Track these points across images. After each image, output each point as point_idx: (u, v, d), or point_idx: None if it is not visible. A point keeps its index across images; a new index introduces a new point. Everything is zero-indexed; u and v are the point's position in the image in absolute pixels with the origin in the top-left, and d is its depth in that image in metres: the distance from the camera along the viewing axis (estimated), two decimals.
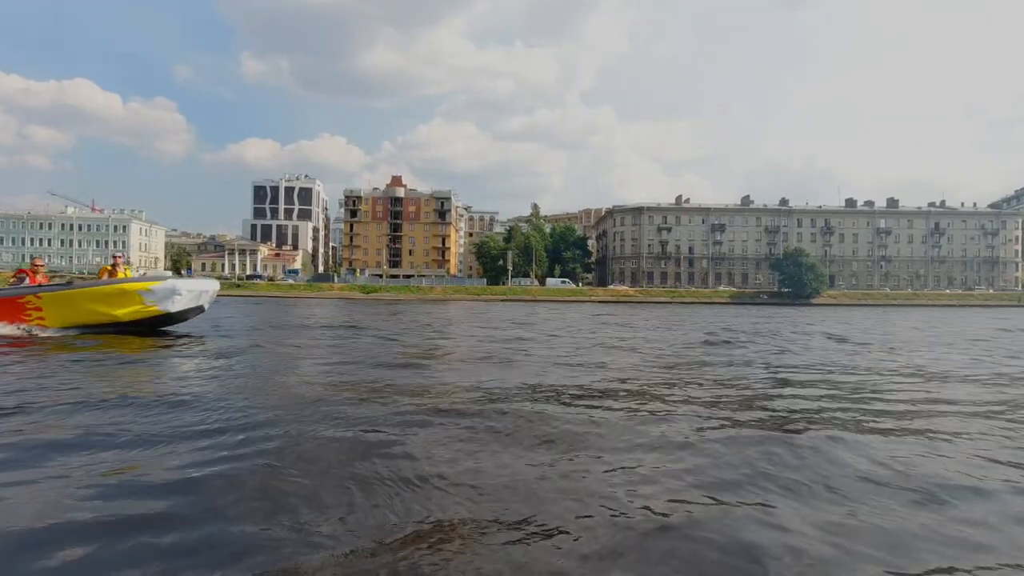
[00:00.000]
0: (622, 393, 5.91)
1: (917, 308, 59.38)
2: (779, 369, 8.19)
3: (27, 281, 10.91)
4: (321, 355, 9.07)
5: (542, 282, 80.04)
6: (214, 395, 5.23)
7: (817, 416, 4.95)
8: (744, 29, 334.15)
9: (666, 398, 5.69)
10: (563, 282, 79.74)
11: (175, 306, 10.87)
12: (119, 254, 12.31)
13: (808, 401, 5.68)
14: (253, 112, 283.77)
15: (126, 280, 10.93)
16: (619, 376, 7.15)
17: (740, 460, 3.54)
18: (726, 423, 4.59)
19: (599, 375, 7.21)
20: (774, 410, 5.21)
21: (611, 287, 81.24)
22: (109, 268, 11.49)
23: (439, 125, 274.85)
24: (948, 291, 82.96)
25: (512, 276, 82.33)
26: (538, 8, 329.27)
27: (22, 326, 10.20)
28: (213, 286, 12.10)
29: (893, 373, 7.97)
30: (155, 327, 11.12)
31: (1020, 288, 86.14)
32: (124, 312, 10.42)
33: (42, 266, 11.53)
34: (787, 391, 6.32)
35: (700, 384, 6.62)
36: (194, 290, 11.34)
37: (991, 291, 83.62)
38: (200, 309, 11.85)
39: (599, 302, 62.36)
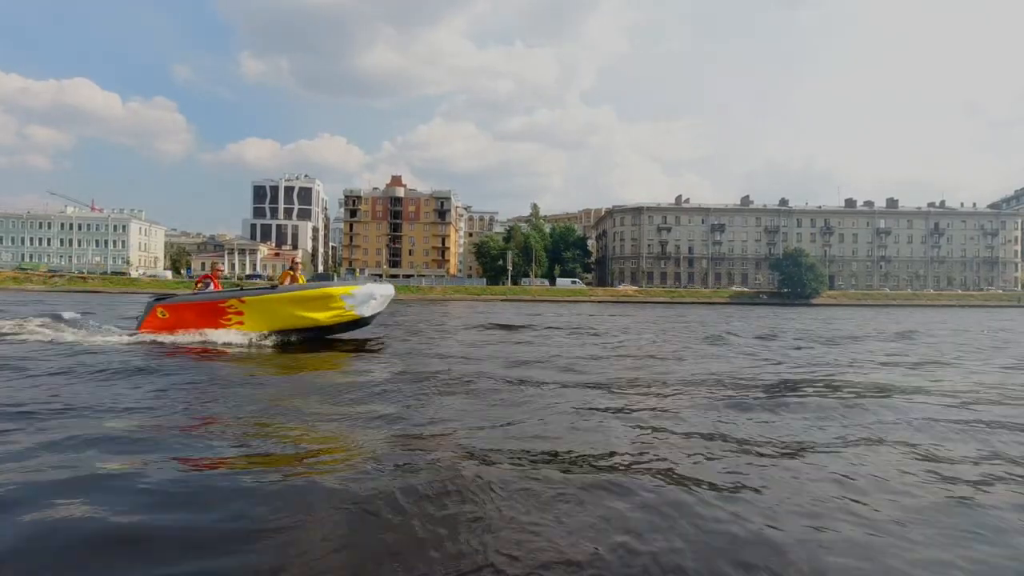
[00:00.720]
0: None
1: (918, 309, 59.40)
2: None
3: (211, 286, 10.89)
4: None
5: (552, 282, 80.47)
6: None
7: None
8: (744, 29, 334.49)
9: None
10: (573, 282, 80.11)
11: (369, 310, 10.89)
12: (297, 259, 12.20)
13: None
14: (253, 112, 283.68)
15: (329, 284, 10.99)
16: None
17: None
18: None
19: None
20: None
21: (620, 287, 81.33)
22: (291, 273, 11.31)
23: (439, 125, 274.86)
24: (961, 291, 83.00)
25: (523, 276, 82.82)
26: (538, 8, 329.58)
27: (222, 331, 9.97)
28: (392, 291, 12.02)
29: None
30: (345, 331, 11.19)
31: (1020, 288, 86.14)
32: (325, 316, 10.36)
33: (222, 271, 11.52)
34: None
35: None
36: (384, 295, 11.34)
37: (1001, 291, 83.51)
38: (380, 313, 11.84)
39: (599, 302, 62.36)
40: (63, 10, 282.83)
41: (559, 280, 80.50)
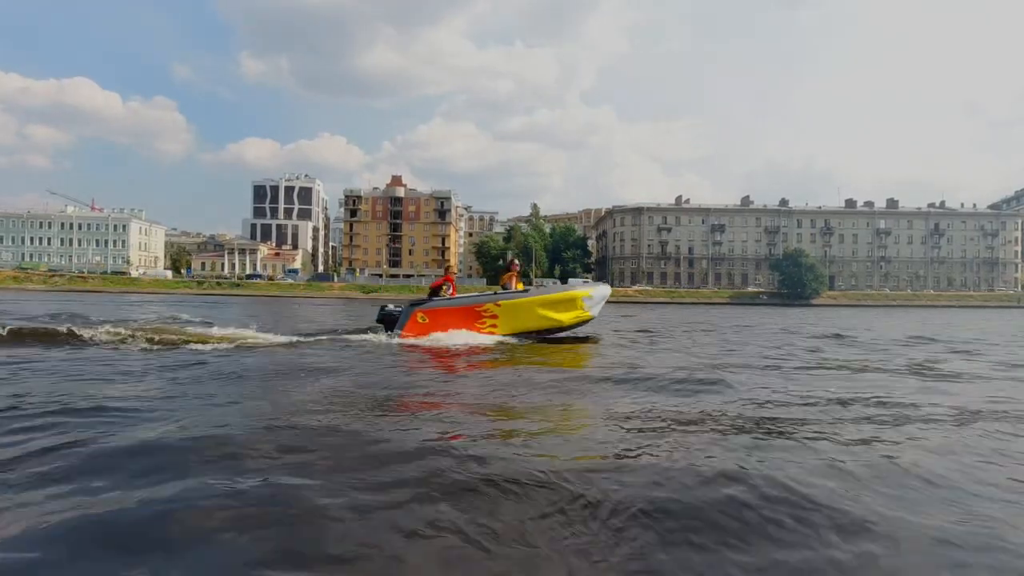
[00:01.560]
0: None
1: (918, 309, 59.43)
2: None
3: (450, 290, 11.24)
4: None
5: (563, 280, 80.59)
6: None
7: None
8: (744, 29, 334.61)
9: None
10: (584, 282, 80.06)
11: (596, 311, 11.59)
12: (516, 260, 12.56)
13: None
14: (253, 112, 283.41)
15: (573, 287, 11.62)
16: None
17: None
18: None
19: None
20: None
21: (633, 288, 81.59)
22: (515, 274, 11.70)
23: (439, 125, 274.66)
24: (961, 291, 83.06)
25: (545, 276, 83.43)
26: (538, 8, 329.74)
27: (476, 334, 10.36)
28: (610, 292, 12.64)
29: None
30: (570, 329, 11.62)
31: (1020, 288, 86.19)
32: (568, 317, 11.03)
33: (456, 274, 12.07)
34: None
35: None
36: (606, 296, 12.05)
37: (1015, 291, 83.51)
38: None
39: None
40: (63, 10, 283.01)
41: (571, 280, 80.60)
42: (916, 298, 78.09)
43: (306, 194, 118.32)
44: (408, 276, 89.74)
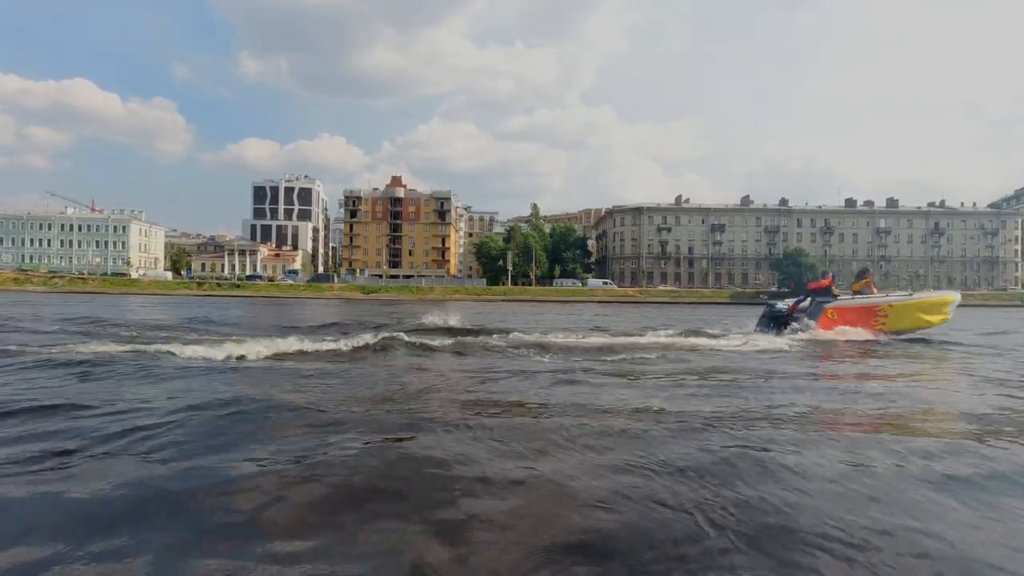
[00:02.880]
0: None
1: None
2: None
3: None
4: None
5: (551, 282, 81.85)
6: None
7: None
8: (744, 29, 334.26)
9: None
10: (605, 283, 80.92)
11: (954, 315, 12.67)
12: (870, 268, 13.77)
13: None
14: (252, 112, 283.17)
15: (947, 292, 13.08)
16: None
17: None
18: None
19: None
20: None
21: (657, 287, 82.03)
22: (867, 281, 13.19)
23: (439, 125, 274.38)
24: (986, 291, 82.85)
25: (549, 277, 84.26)
26: (538, 8, 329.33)
27: (865, 331, 11.61)
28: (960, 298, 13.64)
29: None
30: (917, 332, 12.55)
31: (1020, 288, 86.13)
32: (937, 319, 12.19)
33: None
34: None
35: None
36: (959, 302, 13.13)
37: (1007, 290, 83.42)
38: None
39: (600, 302, 62.37)
40: (62, 10, 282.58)
41: (591, 281, 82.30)
42: None
43: (306, 195, 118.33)
44: (408, 276, 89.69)
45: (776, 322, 12.48)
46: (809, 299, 12.57)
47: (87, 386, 5.35)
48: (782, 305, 13.07)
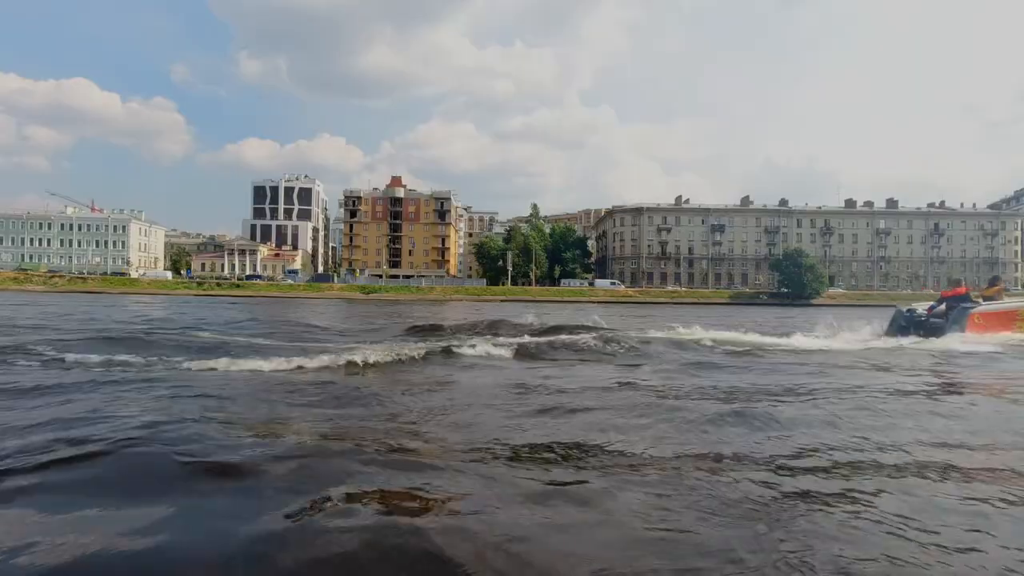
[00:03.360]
0: None
1: None
2: None
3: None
4: None
5: (556, 282, 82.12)
6: None
7: None
8: (744, 29, 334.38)
9: None
10: (613, 283, 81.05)
11: None
12: (1001, 279, 15.12)
13: None
14: (252, 112, 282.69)
15: None
16: None
17: None
18: None
19: None
20: None
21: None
22: (999, 287, 13.92)
23: (438, 125, 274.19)
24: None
25: (565, 277, 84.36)
26: (537, 7, 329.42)
27: (1005, 334, 11.90)
28: None
29: None
30: None
31: (1020, 288, 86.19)
32: None
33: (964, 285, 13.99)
34: None
35: None
36: None
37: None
38: None
39: (600, 303, 62.36)
40: (62, 10, 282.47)
41: (598, 282, 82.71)
42: (916, 298, 77.84)
43: (306, 195, 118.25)
44: (408, 276, 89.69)
45: (915, 326, 12.94)
46: (944, 305, 13.11)
47: None
48: (921, 310, 13.55)
